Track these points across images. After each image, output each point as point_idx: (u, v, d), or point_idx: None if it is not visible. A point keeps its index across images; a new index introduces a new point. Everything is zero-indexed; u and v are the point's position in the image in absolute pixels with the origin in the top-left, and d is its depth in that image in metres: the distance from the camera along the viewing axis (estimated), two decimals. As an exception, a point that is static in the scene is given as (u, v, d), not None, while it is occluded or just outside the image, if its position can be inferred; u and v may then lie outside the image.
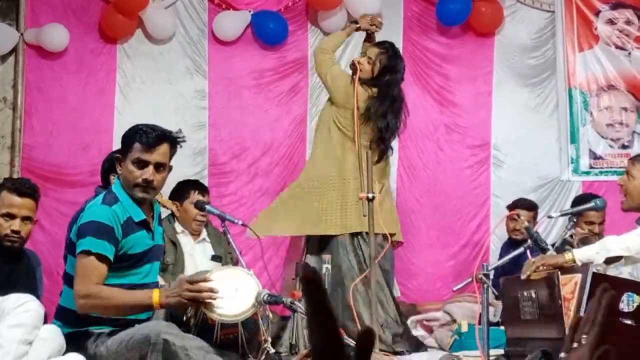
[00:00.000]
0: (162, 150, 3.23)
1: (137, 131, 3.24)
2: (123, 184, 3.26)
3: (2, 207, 3.43)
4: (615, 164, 6.18)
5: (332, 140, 4.85)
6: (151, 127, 3.26)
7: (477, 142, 6.28)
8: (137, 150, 3.20)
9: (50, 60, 6.06)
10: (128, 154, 3.23)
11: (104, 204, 3.22)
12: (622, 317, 3.26)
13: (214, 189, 5.94)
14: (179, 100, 6.18)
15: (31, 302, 3.01)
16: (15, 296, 3.03)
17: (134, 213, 3.22)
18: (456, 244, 6.16)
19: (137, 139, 3.21)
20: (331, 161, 4.84)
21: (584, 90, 6.26)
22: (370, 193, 4.47)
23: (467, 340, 4.71)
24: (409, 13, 6.34)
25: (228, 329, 3.07)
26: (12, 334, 2.92)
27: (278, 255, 5.94)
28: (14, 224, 3.42)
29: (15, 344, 2.91)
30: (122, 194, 3.24)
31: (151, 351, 2.97)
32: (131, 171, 3.21)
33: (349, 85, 4.83)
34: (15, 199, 3.45)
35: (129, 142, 3.24)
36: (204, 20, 6.24)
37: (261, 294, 3.05)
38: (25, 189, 3.47)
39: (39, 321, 3.02)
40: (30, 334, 2.97)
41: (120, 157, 3.29)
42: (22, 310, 2.97)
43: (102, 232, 3.12)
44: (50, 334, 3.07)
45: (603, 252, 3.52)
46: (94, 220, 3.14)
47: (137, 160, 3.20)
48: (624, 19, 6.26)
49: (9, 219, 3.43)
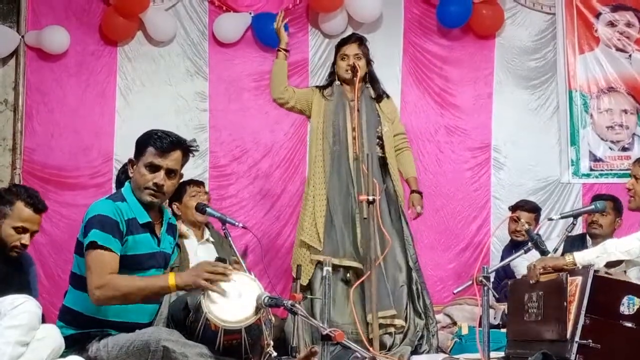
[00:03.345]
0: (174, 157, 3.25)
1: (152, 136, 3.26)
2: (133, 186, 3.27)
3: (18, 220, 3.48)
4: (616, 166, 6.18)
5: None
6: (167, 133, 3.28)
7: (477, 144, 6.28)
8: (151, 155, 3.23)
9: (51, 63, 6.07)
10: (141, 157, 3.25)
11: (109, 199, 3.25)
12: (623, 320, 3.26)
13: (214, 192, 5.95)
14: (179, 102, 6.19)
15: (27, 303, 3.01)
16: (12, 297, 3.03)
17: (139, 215, 3.23)
18: (457, 246, 6.16)
19: (152, 143, 3.23)
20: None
21: (585, 92, 6.26)
22: (371, 196, 4.46)
23: (467, 343, 4.71)
24: (410, 15, 6.34)
25: (231, 335, 3.04)
26: (8, 335, 2.91)
27: (278, 258, 5.95)
28: (25, 238, 3.50)
29: (10, 346, 2.91)
30: (129, 196, 3.26)
31: (151, 358, 2.96)
32: (143, 174, 3.23)
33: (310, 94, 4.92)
34: (31, 214, 3.51)
35: (143, 146, 3.26)
36: (205, 22, 6.25)
37: (261, 296, 3.03)
38: (41, 207, 3.54)
39: (36, 322, 3.01)
40: (27, 335, 2.96)
41: (133, 161, 3.30)
42: (18, 312, 2.97)
43: (107, 225, 3.12)
44: (49, 333, 3.06)
45: (604, 255, 3.52)
46: (98, 214, 3.15)
47: (150, 164, 3.22)
48: (625, 21, 6.26)
49: (21, 232, 3.47)
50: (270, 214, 6.11)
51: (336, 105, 4.84)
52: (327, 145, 4.80)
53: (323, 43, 6.28)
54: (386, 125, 4.89)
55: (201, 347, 3.00)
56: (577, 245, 4.85)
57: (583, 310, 3.24)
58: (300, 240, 4.76)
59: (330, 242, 4.69)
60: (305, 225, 4.75)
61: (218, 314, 3.01)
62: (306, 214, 4.77)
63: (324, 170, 4.79)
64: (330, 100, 4.87)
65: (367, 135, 4.78)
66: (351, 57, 4.85)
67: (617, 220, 5.25)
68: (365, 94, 4.88)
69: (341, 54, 4.89)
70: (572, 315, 3.28)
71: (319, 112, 4.85)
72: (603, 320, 3.25)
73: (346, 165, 4.76)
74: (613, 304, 3.26)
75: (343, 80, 4.90)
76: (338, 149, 4.79)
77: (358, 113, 4.78)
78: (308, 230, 4.74)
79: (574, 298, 3.31)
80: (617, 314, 3.26)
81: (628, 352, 3.24)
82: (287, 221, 6.08)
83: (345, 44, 4.93)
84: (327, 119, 4.83)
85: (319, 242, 4.68)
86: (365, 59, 4.89)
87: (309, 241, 4.71)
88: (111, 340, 3.12)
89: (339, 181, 4.77)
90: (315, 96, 4.90)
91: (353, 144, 4.75)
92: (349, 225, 4.72)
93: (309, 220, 4.75)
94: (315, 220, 4.72)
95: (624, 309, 3.26)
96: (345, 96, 4.86)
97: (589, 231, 5.27)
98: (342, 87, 4.91)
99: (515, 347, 3.74)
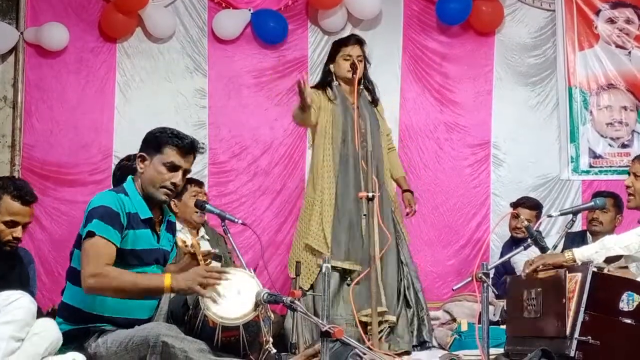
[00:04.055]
0: (192, 158, 3.31)
1: (171, 135, 3.26)
2: (145, 182, 3.25)
3: (7, 215, 3.45)
4: (615, 163, 6.18)
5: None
6: (183, 134, 3.30)
7: (477, 140, 6.28)
8: (172, 154, 3.23)
9: (50, 59, 6.07)
10: (158, 155, 3.24)
11: (111, 191, 3.26)
12: (622, 316, 3.26)
13: (213, 188, 5.95)
14: (178, 99, 6.18)
15: (22, 299, 3.00)
16: (6, 293, 3.02)
17: (141, 210, 3.22)
18: (456, 243, 6.16)
19: (174, 142, 3.23)
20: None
21: (584, 89, 6.26)
22: (370, 192, 4.47)
23: (466, 340, 4.71)
24: (409, 12, 6.33)
25: (229, 332, 3.05)
26: (2, 331, 2.91)
27: (278, 254, 5.95)
28: (17, 232, 3.47)
29: (4, 341, 2.90)
30: (132, 190, 3.25)
31: (150, 354, 2.96)
32: (161, 172, 3.23)
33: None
34: (20, 207, 3.47)
35: (161, 144, 3.24)
36: (204, 19, 6.24)
37: (261, 293, 3.04)
38: (29, 198, 3.49)
39: (30, 318, 3.00)
40: (21, 331, 2.96)
41: (144, 156, 3.27)
42: (13, 307, 2.96)
43: (107, 216, 3.11)
44: (46, 327, 3.06)
45: (603, 251, 3.52)
46: (101, 205, 3.14)
47: (171, 163, 3.23)
48: (624, 17, 6.25)
49: (12, 226, 3.45)
50: (269, 211, 6.11)
51: (342, 108, 4.84)
52: (336, 148, 4.79)
53: (322, 40, 6.27)
54: (382, 126, 4.95)
55: (200, 343, 3.00)
56: (577, 242, 4.85)
57: (582, 306, 3.24)
58: (306, 244, 4.77)
59: (337, 247, 4.70)
60: (312, 229, 4.74)
61: (216, 310, 3.03)
62: (313, 219, 4.75)
63: (334, 175, 4.78)
64: (336, 104, 4.86)
65: (372, 137, 4.82)
66: (354, 59, 4.87)
67: (618, 217, 5.25)
68: (363, 97, 4.90)
69: (344, 54, 4.89)
70: (572, 311, 3.28)
71: (326, 116, 4.83)
72: (603, 317, 3.25)
73: (354, 168, 4.77)
74: (613, 300, 3.26)
75: (343, 80, 4.90)
76: (346, 153, 4.79)
77: (361, 115, 4.80)
78: (315, 234, 4.74)
79: (573, 294, 3.31)
80: (616, 311, 3.26)
81: (628, 348, 3.24)
82: (286, 217, 6.08)
83: (347, 44, 4.93)
84: (336, 122, 4.82)
85: (326, 248, 4.68)
86: (364, 62, 4.92)
87: (315, 246, 4.72)
88: (110, 336, 3.12)
89: (347, 185, 4.77)
90: (322, 100, 4.85)
91: (362, 147, 4.76)
92: (355, 229, 4.73)
93: (315, 225, 4.74)
94: (323, 226, 4.73)
95: (624, 306, 3.25)
96: (347, 98, 4.87)
97: (589, 228, 5.27)
98: (341, 88, 4.91)
99: (514, 344, 3.74)
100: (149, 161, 3.25)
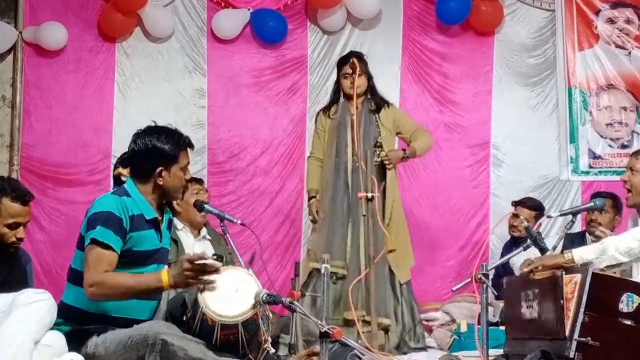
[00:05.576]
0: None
1: (179, 138, 3.31)
2: (170, 191, 3.30)
3: (7, 217, 3.44)
4: (615, 164, 6.17)
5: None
6: (179, 132, 3.35)
7: (476, 141, 6.27)
8: (185, 156, 3.31)
9: (48, 59, 6.06)
10: (175, 163, 3.27)
11: (114, 194, 3.26)
12: (622, 318, 3.25)
13: (213, 188, 5.94)
14: (177, 99, 6.17)
15: (47, 301, 3.04)
16: (32, 291, 3.08)
17: (146, 211, 3.23)
18: (455, 243, 6.16)
19: (182, 144, 3.30)
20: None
21: (584, 89, 6.25)
22: (370, 193, 4.47)
23: (466, 340, 4.71)
24: (409, 12, 6.33)
25: (228, 330, 3.06)
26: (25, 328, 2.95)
27: (277, 255, 5.94)
28: (20, 232, 3.48)
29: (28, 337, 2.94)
30: (134, 192, 3.25)
31: (149, 352, 2.97)
32: (181, 177, 3.30)
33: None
34: (21, 208, 3.47)
35: (175, 151, 3.28)
36: (203, 19, 6.24)
37: (260, 293, 3.04)
38: (27, 197, 3.51)
39: (49, 321, 3.05)
40: (40, 332, 3.00)
41: (162, 170, 3.27)
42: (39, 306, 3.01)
43: (110, 222, 3.12)
44: (52, 340, 3.08)
45: (603, 257, 3.50)
46: (102, 211, 3.15)
47: (186, 165, 3.32)
48: (624, 18, 6.25)
49: (15, 228, 3.46)
50: (268, 211, 6.10)
51: (339, 122, 4.97)
52: (330, 157, 4.94)
53: (322, 39, 6.27)
54: (384, 132, 4.95)
55: (199, 341, 3.01)
56: (577, 242, 4.83)
57: (582, 307, 3.24)
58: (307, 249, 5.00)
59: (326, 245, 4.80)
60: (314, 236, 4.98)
61: (214, 308, 3.04)
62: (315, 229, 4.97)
63: (327, 181, 4.94)
64: (334, 119, 5.00)
65: (364, 144, 4.86)
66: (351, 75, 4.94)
67: (617, 217, 5.24)
68: (366, 107, 4.97)
69: (343, 73, 4.99)
70: (571, 312, 3.28)
71: (328, 133, 5.01)
72: (602, 318, 3.25)
73: (344, 173, 4.87)
74: (612, 301, 3.26)
75: (348, 96, 4.99)
76: (338, 161, 4.91)
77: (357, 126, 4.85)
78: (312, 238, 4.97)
79: (573, 295, 3.30)
80: (616, 312, 3.25)
81: (627, 349, 3.23)
82: (285, 218, 6.07)
83: (345, 63, 5.02)
84: (332, 136, 4.97)
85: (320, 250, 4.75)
86: (365, 75, 4.96)
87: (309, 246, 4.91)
88: (109, 335, 3.12)
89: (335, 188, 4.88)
90: (324, 122, 5.04)
91: (352, 155, 4.85)
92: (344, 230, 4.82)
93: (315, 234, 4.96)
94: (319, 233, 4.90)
95: (623, 307, 3.25)
96: (349, 111, 4.95)
97: (588, 230, 5.26)
98: (347, 103, 5.01)
99: (513, 345, 3.73)
100: (168, 172, 3.27)
